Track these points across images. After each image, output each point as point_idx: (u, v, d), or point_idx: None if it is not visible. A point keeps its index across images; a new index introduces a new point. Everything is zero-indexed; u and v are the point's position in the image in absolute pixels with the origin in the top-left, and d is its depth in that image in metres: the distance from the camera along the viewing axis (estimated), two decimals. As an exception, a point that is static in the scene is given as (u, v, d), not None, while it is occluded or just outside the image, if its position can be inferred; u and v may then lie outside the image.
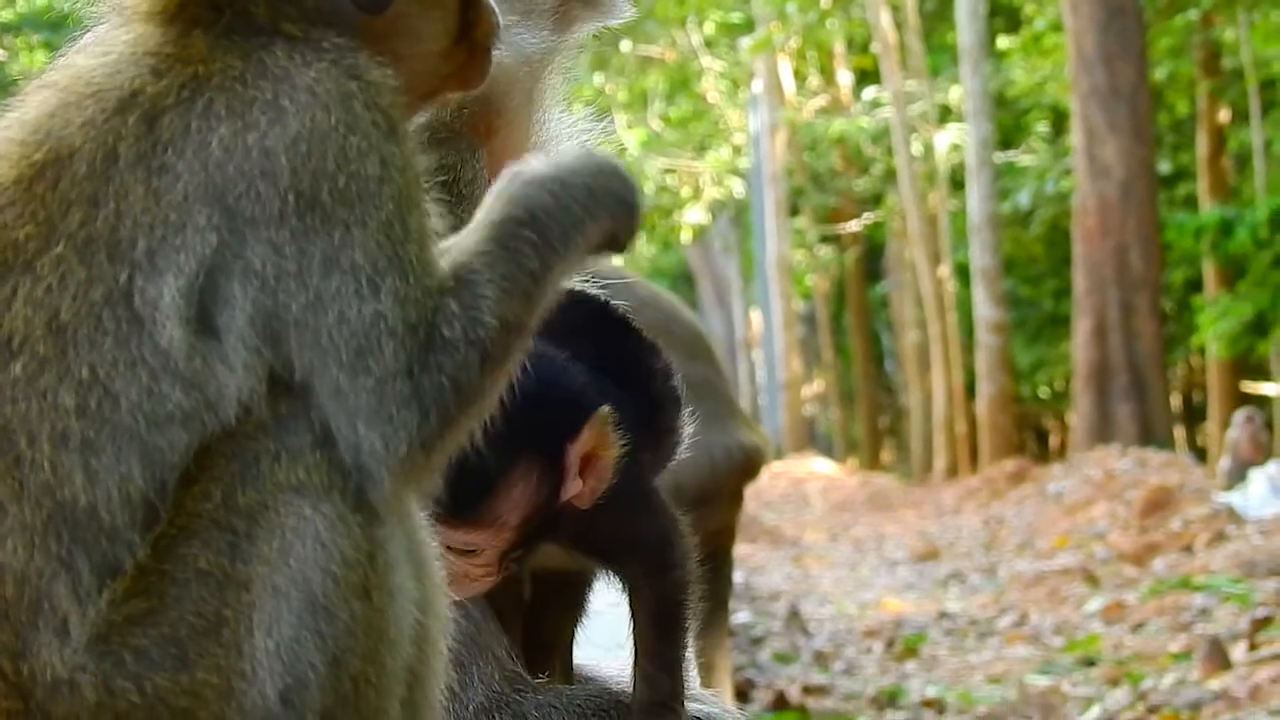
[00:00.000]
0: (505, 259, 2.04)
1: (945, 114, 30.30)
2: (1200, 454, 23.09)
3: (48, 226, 2.00)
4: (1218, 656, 7.88)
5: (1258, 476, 13.28)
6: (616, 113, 32.35)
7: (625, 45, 33.05)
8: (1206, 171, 24.03)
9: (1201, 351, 24.82)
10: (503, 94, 2.77)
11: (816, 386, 42.08)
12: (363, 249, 2.00)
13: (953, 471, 26.68)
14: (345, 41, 2.10)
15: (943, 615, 11.44)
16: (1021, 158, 29.58)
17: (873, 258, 37.71)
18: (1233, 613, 9.15)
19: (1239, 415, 15.64)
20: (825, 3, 30.18)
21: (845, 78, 33.84)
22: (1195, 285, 25.26)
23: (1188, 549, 11.88)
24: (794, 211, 34.98)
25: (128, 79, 2.06)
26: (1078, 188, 21.87)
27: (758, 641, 10.63)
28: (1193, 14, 22.41)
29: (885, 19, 28.27)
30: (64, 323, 1.98)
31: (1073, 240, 22.25)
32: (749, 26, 33.07)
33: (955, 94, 29.05)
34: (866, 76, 32.99)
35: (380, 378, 1.98)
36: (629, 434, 2.56)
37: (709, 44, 34.70)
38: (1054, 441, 34.68)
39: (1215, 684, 7.50)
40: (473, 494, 2.46)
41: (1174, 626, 9.28)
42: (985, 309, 24.68)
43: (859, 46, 33.43)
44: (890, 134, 29.53)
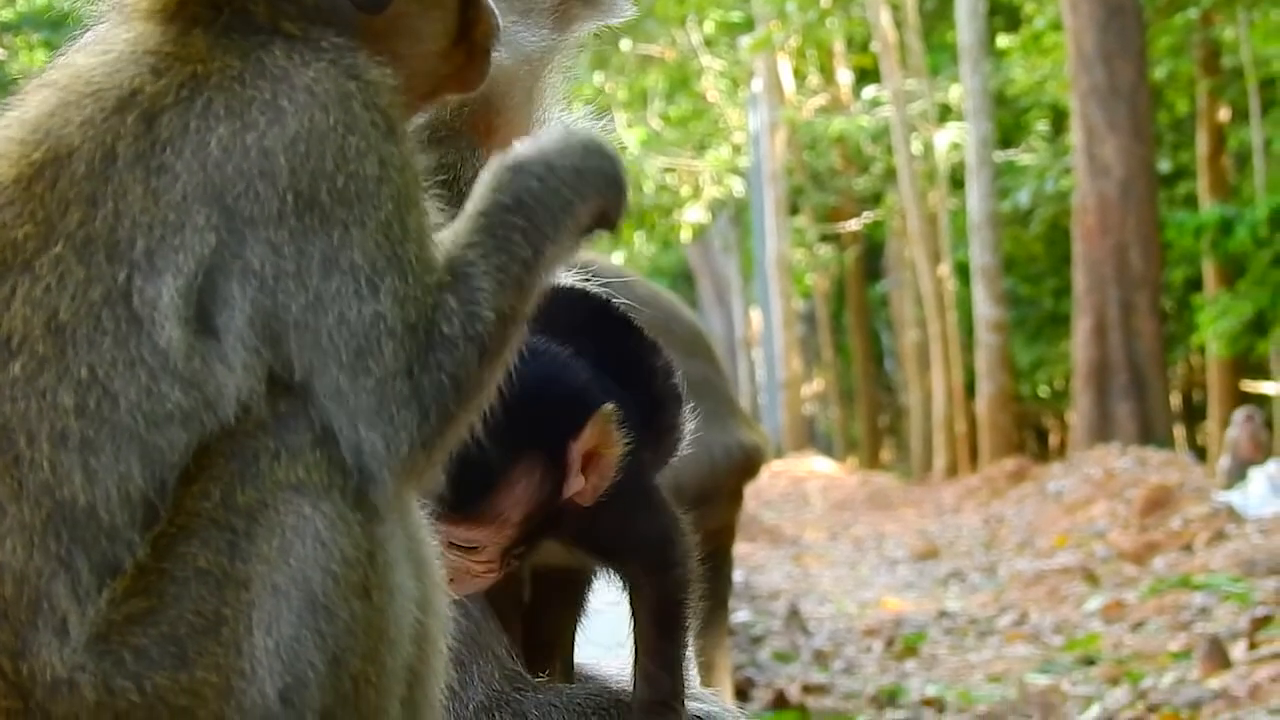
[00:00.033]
0: (497, 249, 2.04)
1: (945, 113, 30.29)
2: (1200, 453, 23.09)
3: (46, 226, 2.00)
4: (1217, 655, 7.87)
5: (1257, 475, 13.28)
6: (616, 111, 32.35)
7: (625, 44, 33.04)
8: (1206, 170, 24.03)
9: (1201, 350, 24.81)
10: (503, 93, 2.76)
11: (816, 385, 42.06)
12: (362, 249, 2.00)
13: (952, 470, 26.67)
14: (344, 41, 2.09)
15: (942, 614, 11.44)
16: (1021, 156, 29.57)
17: (872, 257, 37.70)
18: (1232, 612, 9.15)
19: (1239, 414, 15.65)
20: (825, 1, 30.17)
21: (845, 76, 33.83)
22: (1195, 284, 25.25)
23: (1187, 548, 11.87)
24: (794, 210, 34.96)
25: (127, 78, 2.05)
26: (1077, 186, 21.86)
27: (757, 640, 10.63)
28: (1192, 12, 22.40)
29: (885, 18, 28.26)
30: (63, 322, 1.98)
31: (1072, 239, 22.25)
32: (749, 25, 33.06)
33: (955, 93, 29.04)
34: (866, 75, 32.98)
35: (380, 378, 1.98)
36: (630, 432, 2.56)
37: (709, 43, 34.68)
38: (1054, 440, 34.68)
39: (1215, 683, 7.50)
40: (475, 490, 2.46)
41: (1174, 625, 9.28)
42: (985, 308, 24.68)
43: (859, 45, 33.42)
44: (890, 133, 29.52)
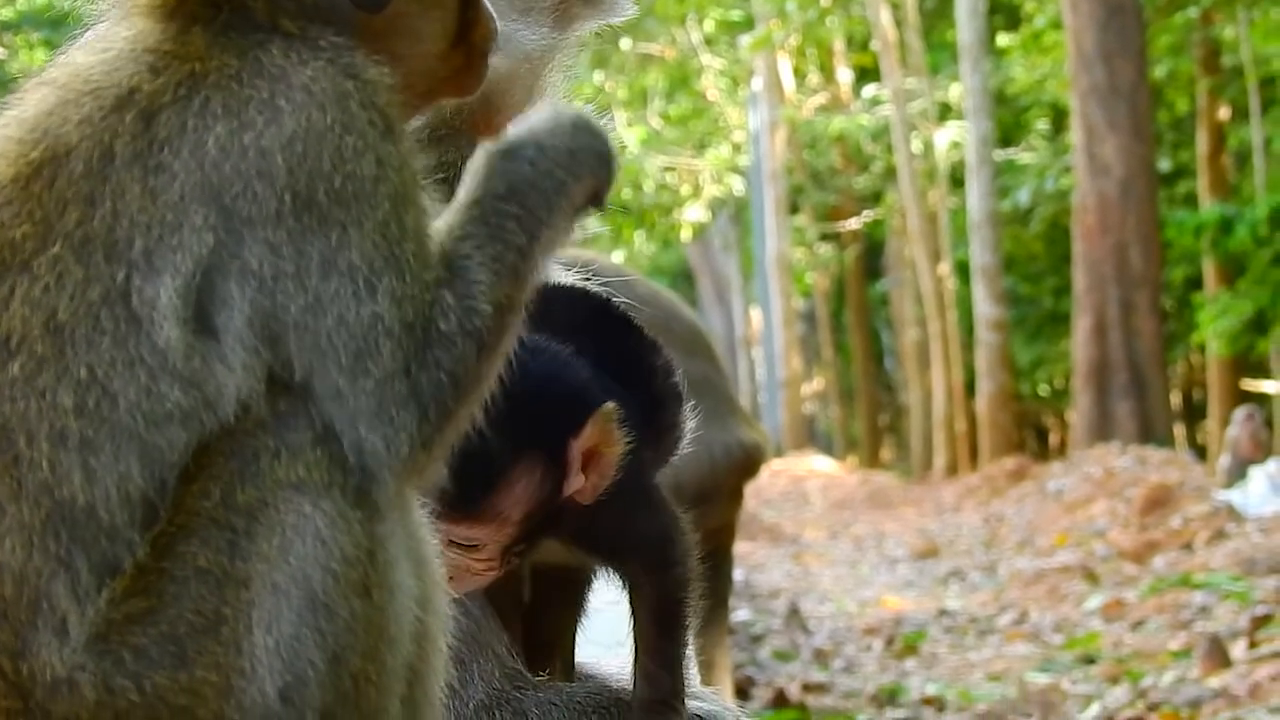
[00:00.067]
0: (491, 239, 2.03)
1: (945, 111, 30.29)
2: (1200, 452, 23.09)
3: (44, 226, 2.00)
4: (1217, 654, 7.87)
5: (1258, 474, 13.28)
6: (616, 110, 32.34)
7: (625, 43, 33.03)
8: (1206, 169, 24.03)
9: (1201, 349, 24.82)
10: (503, 91, 2.76)
11: (816, 384, 42.08)
12: (359, 250, 1.99)
13: (953, 469, 26.67)
14: (342, 40, 2.09)
15: (942, 613, 11.44)
16: (1021, 155, 29.57)
17: (872, 255, 37.70)
18: (1232, 610, 9.15)
19: (1239, 413, 15.65)
20: (825, 0, 30.17)
21: (845, 75, 33.83)
22: (1195, 283, 25.26)
23: (1188, 547, 11.87)
24: (794, 209, 34.97)
25: (125, 76, 2.05)
26: (1077, 185, 21.87)
27: (757, 639, 10.63)
28: (1192, 11, 22.40)
29: (885, 16, 28.26)
30: (61, 322, 1.97)
31: (1072, 238, 22.25)
32: (749, 24, 33.06)
33: (955, 91, 29.03)
34: (866, 74, 32.97)
35: (379, 380, 1.98)
36: (631, 431, 2.56)
37: (709, 42, 34.68)
38: (1054, 439, 34.70)
39: (1215, 682, 7.50)
40: (475, 488, 2.46)
41: (1174, 624, 9.28)
42: (985, 307, 24.68)
43: (859, 44, 33.42)
44: (890, 131, 29.52)
